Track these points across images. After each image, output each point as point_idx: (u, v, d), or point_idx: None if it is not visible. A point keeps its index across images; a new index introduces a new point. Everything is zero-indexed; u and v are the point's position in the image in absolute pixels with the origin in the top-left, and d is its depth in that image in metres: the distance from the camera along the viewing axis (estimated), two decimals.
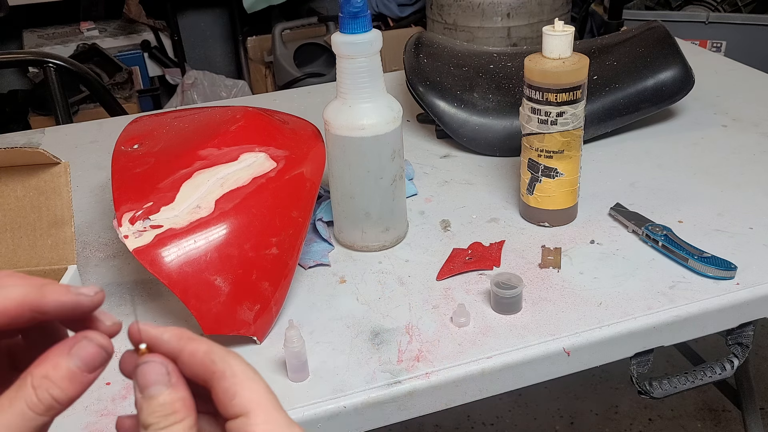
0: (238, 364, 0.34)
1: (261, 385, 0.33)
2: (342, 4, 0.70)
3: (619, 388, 1.78)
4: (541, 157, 0.79)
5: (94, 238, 0.86)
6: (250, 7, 2.67)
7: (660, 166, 0.94)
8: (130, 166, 0.74)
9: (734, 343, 0.74)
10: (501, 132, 0.98)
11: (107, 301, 0.75)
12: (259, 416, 0.32)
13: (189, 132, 0.80)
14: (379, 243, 0.80)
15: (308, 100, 1.21)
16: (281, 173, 0.73)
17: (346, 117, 0.73)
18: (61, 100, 1.47)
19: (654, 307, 0.69)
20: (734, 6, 2.48)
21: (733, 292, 0.70)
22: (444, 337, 0.66)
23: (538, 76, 0.76)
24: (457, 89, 1.00)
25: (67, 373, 0.32)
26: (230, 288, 0.66)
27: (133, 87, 2.65)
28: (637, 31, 1.08)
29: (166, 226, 0.67)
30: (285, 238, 0.70)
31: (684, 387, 0.73)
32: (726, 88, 1.15)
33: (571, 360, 0.66)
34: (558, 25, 0.76)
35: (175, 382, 0.33)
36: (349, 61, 0.72)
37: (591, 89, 0.94)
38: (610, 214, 0.83)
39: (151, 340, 0.34)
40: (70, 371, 0.32)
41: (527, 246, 0.79)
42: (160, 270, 0.65)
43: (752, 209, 0.83)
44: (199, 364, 0.34)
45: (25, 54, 2.19)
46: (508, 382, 0.65)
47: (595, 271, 0.74)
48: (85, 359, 0.32)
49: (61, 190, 0.70)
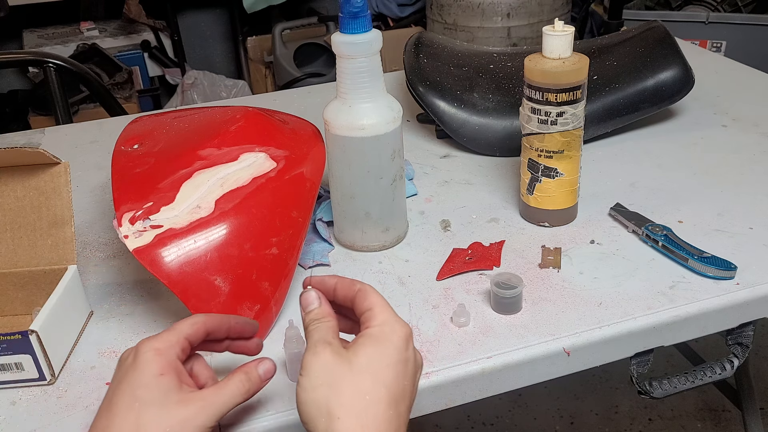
0: (368, 285, 0.55)
1: (380, 296, 0.54)
2: (342, 4, 0.70)
3: (619, 388, 1.78)
4: (541, 157, 0.79)
5: (94, 238, 0.86)
6: (250, 7, 2.67)
7: (660, 166, 0.94)
8: (130, 166, 0.74)
9: (734, 343, 0.74)
10: (501, 132, 0.98)
11: (107, 301, 0.75)
12: (377, 309, 0.53)
13: (189, 132, 0.80)
14: (379, 243, 0.80)
15: (308, 100, 1.21)
16: (281, 173, 0.73)
17: (346, 117, 0.73)
18: (61, 100, 1.47)
19: (654, 307, 0.69)
20: (734, 6, 2.48)
21: (733, 292, 0.70)
22: (444, 337, 0.66)
23: (538, 76, 0.76)
24: (457, 89, 1.00)
25: (256, 376, 0.55)
26: (230, 288, 0.66)
27: (133, 87, 2.65)
28: (637, 31, 1.08)
29: (166, 226, 0.67)
30: (285, 238, 0.70)
31: (684, 387, 0.73)
32: (726, 88, 1.15)
33: (571, 360, 0.66)
34: (558, 25, 0.76)
35: (322, 302, 0.54)
36: (349, 61, 0.72)
37: (591, 89, 0.94)
38: (610, 214, 0.83)
39: (318, 283, 0.56)
40: (258, 376, 0.55)
41: (527, 246, 0.79)
42: (160, 270, 0.65)
43: (752, 209, 0.83)
44: (347, 288, 0.55)
45: (25, 54, 2.19)
46: (508, 382, 0.65)
47: (595, 271, 0.74)
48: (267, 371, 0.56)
49: (61, 190, 0.70)
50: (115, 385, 0.51)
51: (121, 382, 0.51)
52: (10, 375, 0.63)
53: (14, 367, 0.63)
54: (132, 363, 0.51)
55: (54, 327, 0.64)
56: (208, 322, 0.55)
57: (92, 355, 0.67)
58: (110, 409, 0.50)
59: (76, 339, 0.69)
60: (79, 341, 0.69)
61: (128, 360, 0.52)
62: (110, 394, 0.51)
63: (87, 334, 0.70)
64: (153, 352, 0.51)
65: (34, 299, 0.72)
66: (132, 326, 0.71)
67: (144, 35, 2.76)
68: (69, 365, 0.66)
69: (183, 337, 0.53)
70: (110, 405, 0.50)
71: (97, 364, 0.66)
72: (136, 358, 0.51)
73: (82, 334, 0.70)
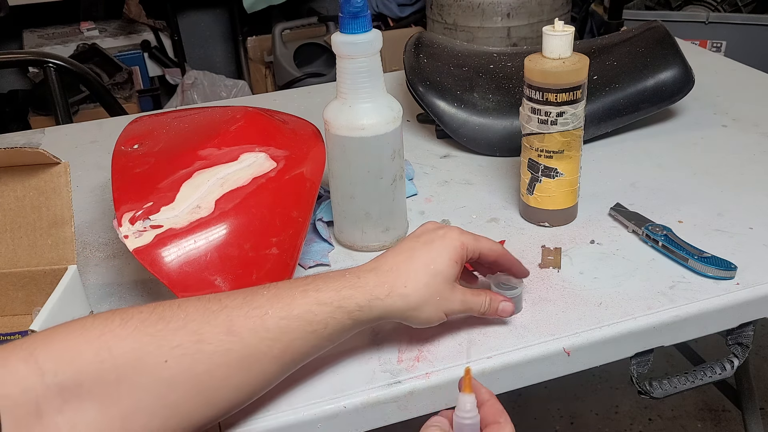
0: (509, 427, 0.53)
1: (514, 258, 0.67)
2: (342, 4, 0.70)
3: (619, 389, 1.78)
4: (541, 157, 0.79)
5: (94, 238, 0.87)
6: (250, 7, 2.67)
7: (660, 166, 0.94)
8: (130, 166, 0.74)
9: (734, 343, 0.74)
10: (501, 132, 0.98)
11: (107, 301, 0.75)
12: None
13: (189, 132, 0.80)
14: (379, 243, 0.80)
15: (308, 100, 1.21)
16: (281, 173, 0.73)
17: (346, 117, 0.73)
18: (61, 100, 1.47)
19: (654, 307, 0.69)
20: (734, 6, 2.48)
21: (733, 292, 0.70)
22: (444, 338, 0.66)
23: (538, 76, 0.76)
24: (457, 89, 1.00)
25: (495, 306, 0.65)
26: (230, 288, 0.66)
27: (133, 87, 2.65)
28: (637, 31, 1.08)
29: (166, 226, 0.67)
30: (285, 238, 0.70)
31: (684, 387, 0.73)
32: (726, 88, 1.15)
33: (571, 360, 0.66)
34: (558, 25, 0.76)
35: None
36: (349, 61, 0.72)
37: (591, 89, 0.94)
38: (610, 214, 0.83)
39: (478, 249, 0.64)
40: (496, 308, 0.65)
41: (527, 246, 0.79)
42: (160, 270, 0.65)
43: (752, 209, 0.83)
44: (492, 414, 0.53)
45: (25, 54, 2.19)
46: (508, 382, 0.65)
47: (595, 271, 0.74)
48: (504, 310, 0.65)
49: (61, 190, 0.70)
50: (420, 241, 0.63)
51: (427, 243, 0.62)
52: None
53: None
54: (442, 237, 0.63)
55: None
56: (502, 257, 0.66)
57: None
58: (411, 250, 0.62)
59: None
60: None
61: (439, 232, 0.63)
62: (410, 242, 0.63)
63: None
64: (460, 243, 0.62)
65: (34, 299, 0.72)
66: None
67: (144, 35, 2.76)
68: None
69: (481, 251, 0.64)
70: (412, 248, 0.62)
71: None
72: (445, 237, 0.62)
73: None
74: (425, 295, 0.60)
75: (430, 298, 0.60)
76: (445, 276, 0.61)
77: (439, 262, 0.61)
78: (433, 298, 0.60)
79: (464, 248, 0.62)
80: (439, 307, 0.61)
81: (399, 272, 0.60)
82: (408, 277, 0.60)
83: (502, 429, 0.52)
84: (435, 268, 0.60)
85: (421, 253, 0.61)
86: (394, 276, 0.60)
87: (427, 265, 0.60)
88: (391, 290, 0.59)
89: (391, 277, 0.60)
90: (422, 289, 0.60)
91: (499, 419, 0.53)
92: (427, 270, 0.60)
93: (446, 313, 0.62)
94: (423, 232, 0.64)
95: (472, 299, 0.63)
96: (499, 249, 0.66)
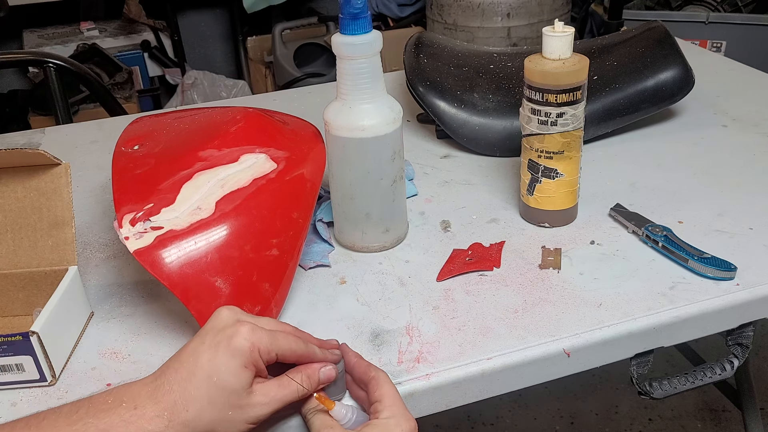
0: (382, 373, 0.58)
1: (392, 387, 0.57)
2: (342, 5, 0.70)
3: (619, 389, 1.78)
4: (541, 157, 0.79)
5: (95, 239, 0.87)
6: (250, 7, 2.67)
7: (660, 166, 0.94)
8: (130, 167, 0.74)
9: (734, 344, 0.74)
10: (501, 132, 0.98)
11: (108, 302, 0.75)
12: (387, 401, 0.55)
13: (189, 133, 0.80)
14: (380, 244, 0.80)
15: (308, 100, 1.21)
16: (282, 174, 0.73)
17: (346, 118, 0.73)
18: (61, 100, 1.47)
19: (654, 307, 0.69)
20: (734, 6, 2.48)
21: (733, 292, 0.70)
22: (444, 339, 0.66)
23: (538, 77, 0.76)
24: (457, 89, 1.00)
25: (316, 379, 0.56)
26: (231, 289, 0.66)
27: (133, 87, 2.65)
28: (637, 31, 1.09)
29: (166, 227, 0.67)
30: (285, 239, 0.71)
31: (684, 387, 0.73)
32: (726, 88, 1.15)
33: (571, 361, 0.66)
34: (558, 25, 0.76)
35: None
36: (350, 62, 0.72)
37: (591, 89, 0.94)
38: (610, 215, 0.83)
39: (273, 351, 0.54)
40: (318, 379, 0.56)
41: (527, 246, 0.79)
42: (160, 271, 0.65)
43: (752, 209, 0.83)
44: (363, 372, 0.58)
45: (25, 54, 2.20)
46: (508, 383, 0.65)
47: (595, 272, 0.74)
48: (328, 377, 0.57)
49: (62, 191, 0.70)
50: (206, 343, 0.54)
51: (212, 347, 0.53)
52: (11, 376, 0.63)
53: (15, 369, 0.63)
54: (228, 339, 0.53)
55: (55, 328, 0.65)
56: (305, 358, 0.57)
57: (93, 356, 0.67)
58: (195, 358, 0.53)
59: (76, 340, 0.69)
60: (79, 342, 0.69)
61: (227, 331, 0.54)
62: (196, 345, 0.54)
63: (87, 335, 0.70)
64: (249, 345, 0.53)
65: (35, 300, 0.72)
66: (133, 327, 0.71)
67: (144, 35, 2.76)
68: (70, 366, 0.66)
69: (278, 352, 0.55)
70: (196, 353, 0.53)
71: (98, 365, 0.66)
72: (233, 339, 0.53)
73: (83, 335, 0.70)
74: (212, 414, 0.52)
75: (219, 415, 0.52)
76: (233, 388, 0.52)
77: (224, 372, 0.52)
78: (224, 414, 0.52)
79: (254, 350, 0.53)
80: (238, 420, 0.53)
81: (180, 393, 0.52)
82: (189, 397, 0.52)
83: (379, 381, 0.57)
84: (219, 380, 0.52)
85: (204, 361, 0.53)
86: (174, 399, 0.52)
87: (210, 378, 0.52)
88: (171, 419, 0.51)
89: (170, 401, 0.52)
90: (207, 408, 0.51)
91: (372, 373, 0.57)
92: (210, 384, 0.52)
93: (250, 422, 0.53)
94: (212, 329, 0.55)
95: (282, 392, 0.54)
96: (301, 350, 0.56)
